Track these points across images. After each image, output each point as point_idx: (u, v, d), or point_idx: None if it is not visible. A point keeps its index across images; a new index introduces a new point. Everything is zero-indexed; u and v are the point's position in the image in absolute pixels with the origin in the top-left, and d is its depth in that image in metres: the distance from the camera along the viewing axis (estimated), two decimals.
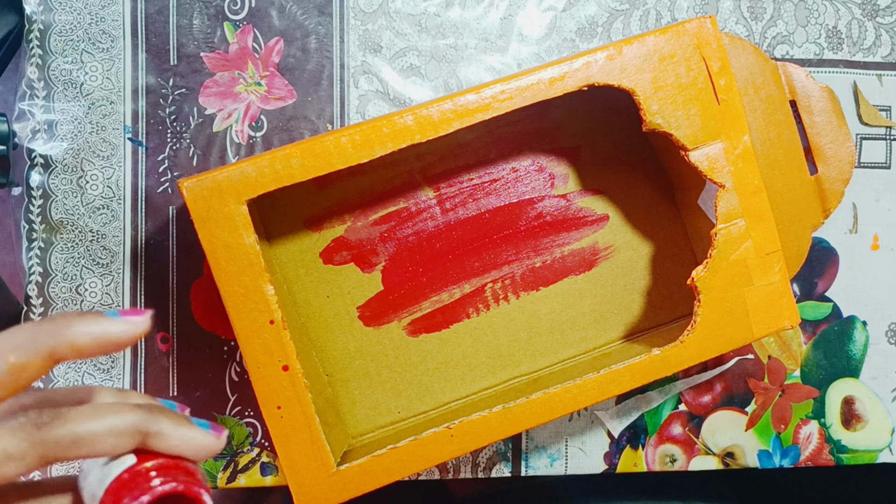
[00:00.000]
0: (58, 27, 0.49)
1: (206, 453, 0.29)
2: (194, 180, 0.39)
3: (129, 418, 0.27)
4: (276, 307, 0.40)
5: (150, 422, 0.28)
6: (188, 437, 0.28)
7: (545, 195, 0.51)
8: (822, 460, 0.55)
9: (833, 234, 0.55)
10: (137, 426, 0.27)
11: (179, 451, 0.28)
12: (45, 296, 0.49)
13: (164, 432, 0.28)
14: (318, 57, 0.51)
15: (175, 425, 0.28)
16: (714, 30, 0.42)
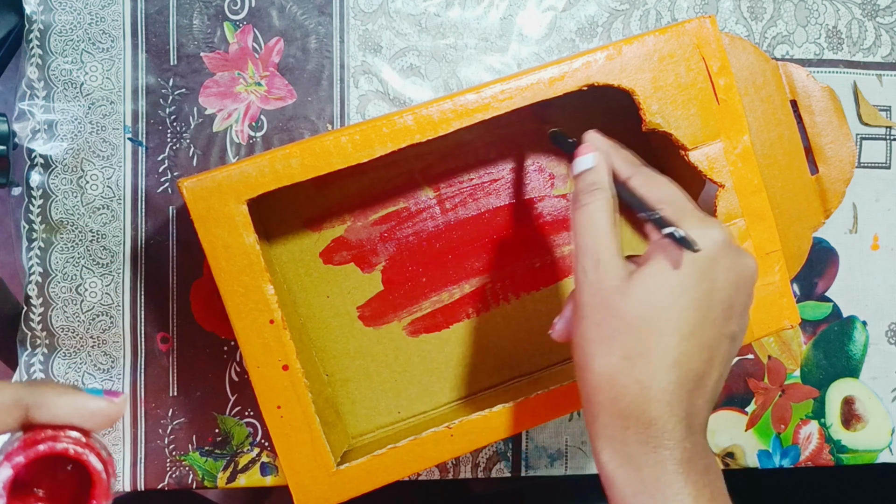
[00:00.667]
0: (58, 27, 0.49)
1: (102, 418, 0.28)
2: (194, 180, 0.39)
3: (9, 392, 0.27)
4: (276, 307, 0.40)
5: (32, 394, 0.27)
6: (77, 405, 0.28)
7: (545, 195, 0.51)
8: (822, 460, 0.55)
9: (833, 234, 0.55)
10: (18, 399, 0.27)
11: (69, 419, 0.28)
12: (45, 296, 0.49)
13: (48, 402, 0.27)
14: (318, 57, 0.51)
15: (59, 394, 0.28)
16: (714, 30, 0.42)
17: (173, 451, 0.51)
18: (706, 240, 0.33)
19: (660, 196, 0.36)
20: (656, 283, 0.33)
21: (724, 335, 0.35)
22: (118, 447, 0.50)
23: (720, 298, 0.34)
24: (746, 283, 0.35)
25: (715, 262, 0.34)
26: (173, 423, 0.51)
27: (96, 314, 0.50)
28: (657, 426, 0.33)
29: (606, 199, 0.36)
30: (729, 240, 0.34)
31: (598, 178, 0.37)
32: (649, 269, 0.34)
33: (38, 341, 0.50)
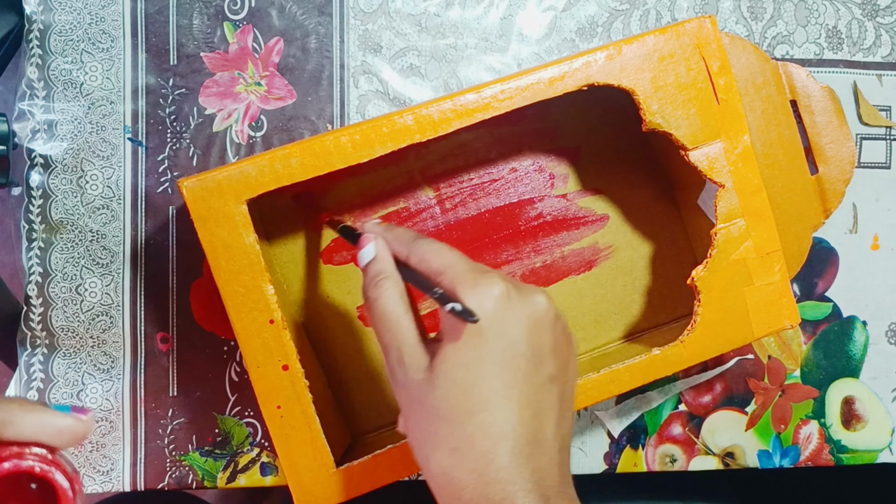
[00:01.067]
0: (58, 27, 0.49)
1: (69, 436, 0.28)
2: (194, 180, 0.39)
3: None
4: (276, 307, 0.40)
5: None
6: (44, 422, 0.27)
7: (545, 195, 0.51)
8: (822, 460, 0.55)
9: (833, 234, 0.55)
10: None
11: (35, 436, 0.27)
12: (45, 296, 0.49)
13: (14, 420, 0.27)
14: (318, 57, 0.51)
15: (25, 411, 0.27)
16: (714, 30, 0.42)
17: (173, 451, 0.51)
18: (485, 299, 0.32)
19: (436, 266, 0.35)
20: (453, 364, 0.32)
21: (540, 384, 0.33)
22: (118, 447, 0.50)
23: (520, 351, 0.33)
24: (542, 322, 0.34)
25: (500, 317, 0.33)
26: (173, 423, 0.51)
27: (96, 314, 0.50)
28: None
29: (393, 289, 0.35)
30: (506, 289, 0.33)
31: (381, 268, 0.36)
32: (443, 353, 0.33)
33: (38, 341, 0.50)
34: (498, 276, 0.33)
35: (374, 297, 0.35)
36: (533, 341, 0.33)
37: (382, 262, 0.37)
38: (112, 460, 0.50)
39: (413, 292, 0.37)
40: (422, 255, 0.36)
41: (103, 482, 0.50)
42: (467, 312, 0.32)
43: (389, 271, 0.36)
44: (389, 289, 0.35)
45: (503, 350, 0.32)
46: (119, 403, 0.50)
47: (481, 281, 0.33)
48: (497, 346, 0.32)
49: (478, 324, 0.32)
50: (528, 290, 0.34)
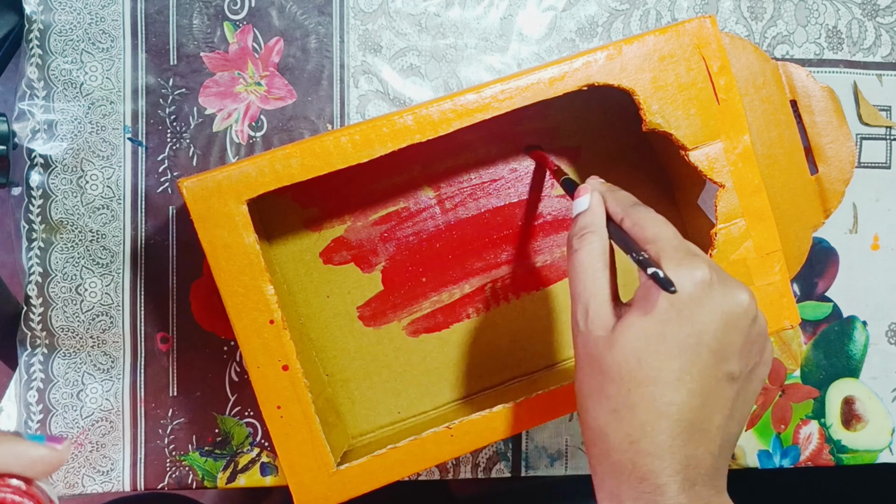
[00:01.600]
0: (58, 27, 0.49)
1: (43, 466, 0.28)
2: (194, 180, 0.39)
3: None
4: (276, 307, 0.40)
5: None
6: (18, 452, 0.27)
7: (545, 195, 0.51)
8: (822, 460, 0.55)
9: (833, 234, 0.55)
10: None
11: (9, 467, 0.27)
12: (45, 296, 0.49)
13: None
14: (318, 57, 0.51)
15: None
16: (714, 30, 0.42)
17: (173, 451, 0.51)
18: (686, 280, 0.32)
19: (648, 235, 0.35)
20: (636, 332, 0.32)
21: (718, 378, 0.33)
22: (118, 447, 0.50)
23: (706, 341, 0.32)
24: (738, 320, 0.33)
25: (697, 302, 0.32)
26: (173, 423, 0.51)
27: (96, 314, 0.50)
28: (649, 481, 0.32)
29: (597, 243, 0.35)
30: (712, 277, 0.33)
31: (591, 221, 0.37)
32: (630, 318, 0.33)
33: (37, 341, 0.50)
34: (705, 262, 0.33)
35: (576, 247, 0.35)
36: (722, 336, 0.33)
37: (594, 215, 0.37)
38: (112, 460, 0.50)
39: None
40: (637, 219, 0.35)
41: (103, 482, 0.50)
42: (666, 281, 0.32)
43: (598, 226, 0.36)
44: (593, 242, 0.35)
45: (689, 334, 0.32)
46: (119, 403, 0.50)
47: (687, 261, 0.33)
48: (684, 329, 0.32)
49: (670, 300, 0.32)
50: (733, 285, 0.33)
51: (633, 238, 0.35)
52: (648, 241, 0.34)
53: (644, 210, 0.36)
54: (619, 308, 0.35)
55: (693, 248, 0.35)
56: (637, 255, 0.34)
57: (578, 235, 0.36)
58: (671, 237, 0.34)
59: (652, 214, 0.36)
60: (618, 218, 0.37)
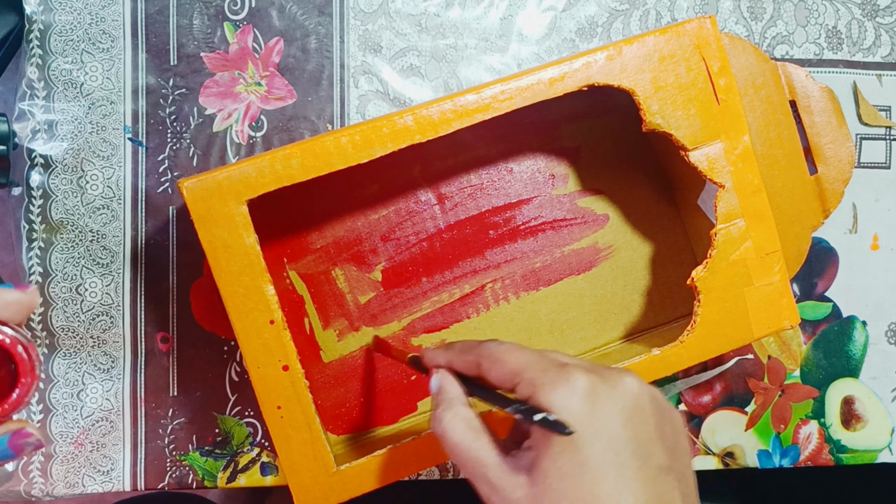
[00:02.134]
0: (58, 27, 0.49)
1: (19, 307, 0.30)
2: (194, 180, 0.39)
3: None
4: (276, 307, 0.40)
5: None
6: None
7: (545, 195, 0.51)
8: (821, 460, 0.55)
9: (833, 234, 0.55)
10: None
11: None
12: (45, 296, 0.49)
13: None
14: (318, 57, 0.51)
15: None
16: (714, 30, 0.42)
17: (173, 451, 0.51)
18: (570, 400, 0.30)
19: (509, 369, 0.33)
20: (554, 477, 0.30)
21: (653, 477, 0.31)
22: (118, 447, 0.50)
23: (622, 448, 0.30)
24: (637, 408, 0.31)
25: (591, 416, 0.30)
26: (173, 423, 0.51)
27: (96, 314, 0.50)
28: None
29: (455, 418, 0.33)
30: (591, 383, 0.31)
31: (444, 399, 0.35)
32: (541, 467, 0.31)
33: (38, 341, 0.50)
34: (579, 370, 0.31)
35: (439, 432, 0.34)
36: (633, 432, 0.31)
37: (444, 391, 0.35)
38: (112, 460, 0.50)
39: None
40: (491, 359, 0.34)
41: (103, 482, 0.50)
42: (559, 425, 0.29)
43: (450, 400, 0.35)
44: (452, 420, 0.33)
45: (603, 450, 0.30)
46: (119, 403, 0.50)
47: (561, 378, 0.31)
48: (596, 448, 0.30)
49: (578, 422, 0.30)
50: (615, 377, 0.32)
51: (497, 381, 0.33)
52: (514, 373, 0.32)
53: (492, 345, 0.34)
54: (520, 460, 0.32)
55: (557, 358, 0.33)
56: (515, 407, 0.32)
57: (437, 417, 0.34)
58: (533, 360, 0.33)
59: (502, 346, 0.34)
60: (473, 368, 0.35)
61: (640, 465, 0.30)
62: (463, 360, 0.36)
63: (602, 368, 0.33)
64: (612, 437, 0.30)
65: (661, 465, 0.31)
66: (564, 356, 0.34)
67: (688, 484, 0.33)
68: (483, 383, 0.35)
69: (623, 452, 0.30)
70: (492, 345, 0.35)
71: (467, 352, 0.36)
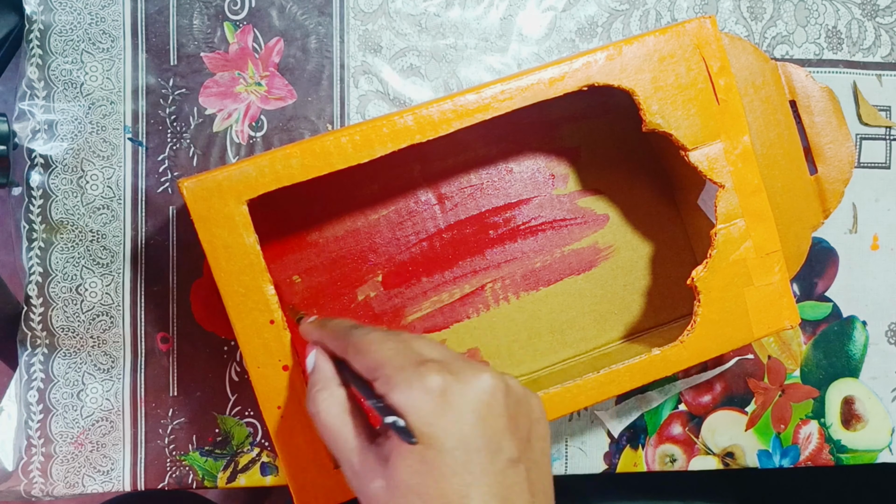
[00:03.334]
0: (58, 27, 0.49)
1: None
2: (194, 180, 0.39)
3: None
4: (276, 307, 0.40)
5: None
6: None
7: (545, 195, 0.51)
8: (821, 460, 0.55)
9: (833, 234, 0.55)
10: None
11: None
12: (45, 296, 0.49)
13: None
14: (318, 57, 0.51)
15: None
16: (714, 30, 0.42)
17: (173, 451, 0.51)
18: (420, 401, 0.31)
19: (371, 362, 0.33)
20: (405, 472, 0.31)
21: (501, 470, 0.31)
22: (118, 447, 0.50)
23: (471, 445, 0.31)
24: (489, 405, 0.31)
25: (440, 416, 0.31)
26: (173, 423, 0.51)
27: (96, 314, 0.50)
28: None
29: (329, 400, 0.34)
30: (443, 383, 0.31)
31: (317, 378, 0.35)
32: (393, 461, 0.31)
33: (38, 341, 0.50)
34: (433, 370, 0.31)
35: (313, 411, 0.34)
36: (484, 429, 0.31)
37: (318, 371, 0.36)
38: (112, 460, 0.50)
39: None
40: (357, 348, 0.34)
41: (103, 482, 0.50)
42: (405, 432, 0.30)
43: (325, 380, 0.35)
44: (325, 400, 0.34)
45: (452, 449, 0.30)
46: (119, 403, 0.50)
47: (415, 379, 0.31)
48: (445, 446, 0.30)
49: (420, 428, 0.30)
50: (469, 373, 0.32)
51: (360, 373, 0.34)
52: (374, 367, 0.33)
53: (360, 333, 0.35)
54: (381, 446, 0.33)
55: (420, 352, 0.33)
56: (373, 402, 0.32)
57: (310, 398, 0.35)
58: (393, 356, 0.33)
59: (369, 336, 0.34)
60: (341, 352, 0.35)
61: (489, 461, 0.31)
62: (333, 343, 0.36)
63: (460, 364, 0.33)
64: (462, 435, 0.31)
65: (511, 458, 0.32)
66: (430, 347, 0.34)
67: (539, 471, 0.33)
68: (351, 370, 0.35)
69: (472, 450, 0.31)
70: (358, 333, 0.35)
71: (337, 336, 0.36)
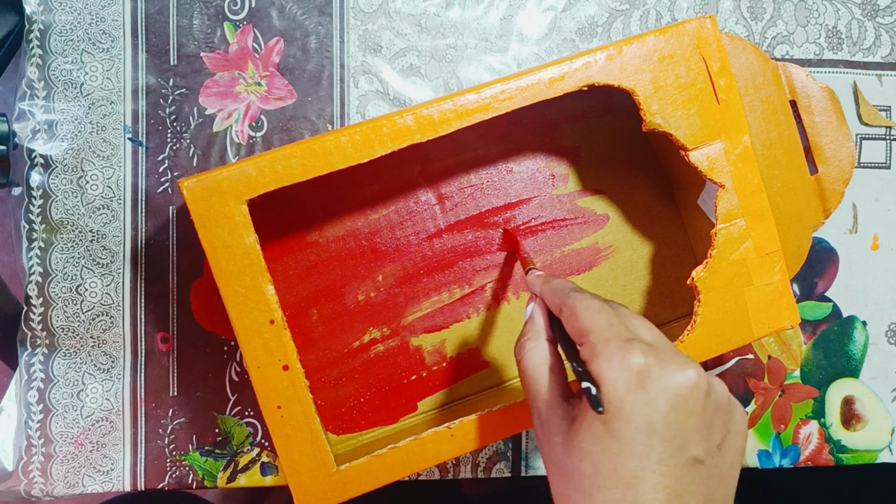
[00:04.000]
0: (58, 27, 0.49)
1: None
2: (194, 180, 0.39)
3: None
4: (276, 307, 0.40)
5: None
6: None
7: (545, 195, 0.51)
8: (822, 460, 0.55)
9: (833, 234, 0.55)
10: None
11: None
12: (45, 296, 0.49)
13: None
14: (318, 57, 0.51)
15: None
16: (714, 30, 0.42)
17: (173, 451, 0.51)
18: (618, 376, 0.31)
19: (582, 326, 0.34)
20: (585, 437, 0.32)
21: (680, 466, 0.31)
22: (118, 447, 0.50)
23: (657, 432, 0.31)
24: (686, 400, 0.31)
25: (633, 396, 0.31)
26: (173, 423, 0.51)
27: (96, 314, 0.50)
28: None
29: (537, 350, 0.36)
30: (645, 366, 0.31)
31: (531, 329, 0.37)
32: (578, 423, 0.32)
33: (38, 341, 0.50)
34: (639, 349, 0.32)
35: (518, 357, 0.36)
36: (674, 422, 0.31)
37: (534, 323, 0.37)
38: (112, 460, 0.50)
39: None
40: (571, 311, 0.35)
41: (103, 482, 0.50)
42: (595, 400, 0.31)
43: (536, 333, 0.37)
44: (531, 350, 0.36)
45: (637, 429, 0.31)
46: (119, 403, 0.50)
47: (618, 354, 0.32)
48: (631, 426, 0.31)
49: (611, 401, 0.31)
50: (674, 365, 0.32)
51: (570, 332, 0.35)
52: (583, 333, 0.33)
53: (578, 297, 0.35)
54: (572, 408, 0.34)
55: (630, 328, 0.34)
56: (574, 365, 0.33)
57: (519, 344, 0.36)
58: (604, 326, 0.33)
59: (586, 302, 0.35)
60: (556, 310, 0.36)
61: (670, 453, 0.31)
62: (551, 300, 0.37)
63: (669, 352, 0.33)
64: (650, 420, 0.31)
65: (695, 457, 0.32)
66: (646, 328, 0.34)
67: (723, 481, 0.33)
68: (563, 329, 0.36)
69: (656, 436, 0.31)
70: (576, 296, 0.35)
71: (556, 293, 0.37)
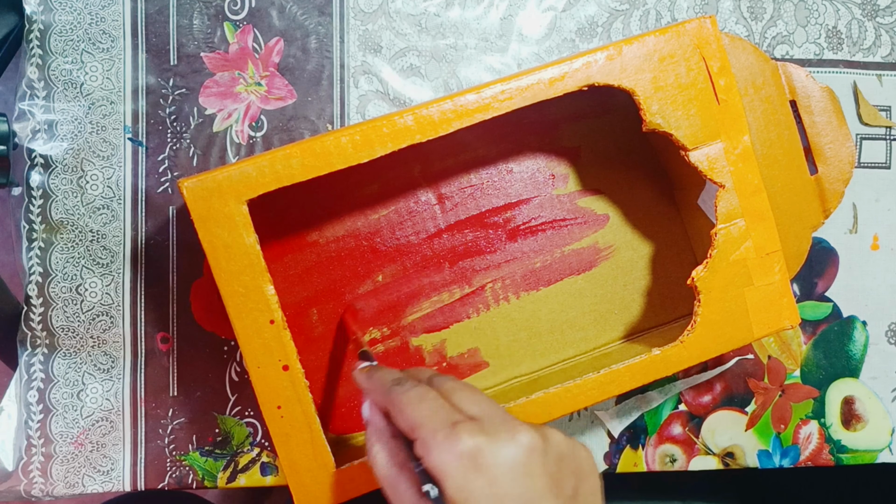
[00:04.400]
0: (58, 27, 0.49)
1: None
2: (194, 180, 0.39)
3: None
4: (276, 307, 0.40)
5: None
6: None
7: (545, 195, 0.51)
8: (822, 460, 0.55)
9: (833, 234, 0.55)
10: None
11: None
12: (45, 296, 0.49)
13: None
14: (318, 57, 0.51)
15: None
16: (714, 30, 0.42)
17: (173, 451, 0.51)
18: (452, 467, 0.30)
19: (408, 423, 0.33)
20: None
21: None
22: (118, 447, 0.50)
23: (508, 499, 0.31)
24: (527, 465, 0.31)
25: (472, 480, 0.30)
26: (173, 423, 0.51)
27: (96, 314, 0.50)
28: None
29: (380, 452, 0.35)
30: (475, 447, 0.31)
31: (373, 430, 0.36)
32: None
33: (38, 341, 0.50)
34: (466, 433, 0.31)
35: (369, 460, 0.35)
36: (521, 491, 0.31)
37: (370, 424, 0.36)
38: (112, 460, 0.50)
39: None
40: (396, 408, 0.34)
41: (103, 482, 0.50)
42: (438, 502, 0.31)
43: (378, 433, 0.35)
44: (377, 453, 0.35)
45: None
46: (119, 403, 0.50)
47: (447, 444, 0.31)
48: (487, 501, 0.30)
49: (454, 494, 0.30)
50: (504, 433, 0.32)
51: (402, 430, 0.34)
52: (412, 428, 0.33)
53: (399, 391, 0.34)
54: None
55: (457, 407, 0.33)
56: (416, 465, 0.32)
57: (367, 447, 0.35)
58: (428, 416, 0.33)
59: (408, 394, 0.34)
60: (384, 410, 0.35)
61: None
62: (376, 400, 0.36)
63: (496, 422, 0.32)
64: (498, 498, 0.30)
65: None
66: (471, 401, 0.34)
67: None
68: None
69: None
70: (396, 390, 0.34)
71: (378, 391, 0.36)
